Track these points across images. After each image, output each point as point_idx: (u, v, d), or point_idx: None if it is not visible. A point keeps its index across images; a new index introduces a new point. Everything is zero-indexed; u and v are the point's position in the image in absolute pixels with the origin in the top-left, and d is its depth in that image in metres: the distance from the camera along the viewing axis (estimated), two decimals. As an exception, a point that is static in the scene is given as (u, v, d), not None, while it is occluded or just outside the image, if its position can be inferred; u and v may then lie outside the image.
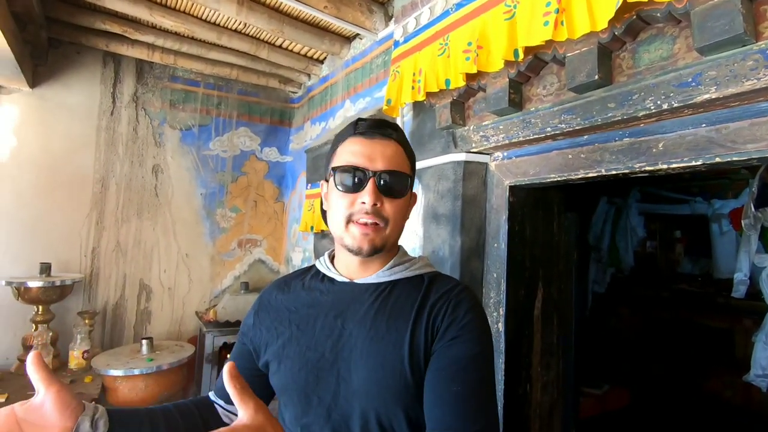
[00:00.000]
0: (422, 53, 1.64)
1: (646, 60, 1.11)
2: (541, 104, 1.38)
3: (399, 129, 0.90)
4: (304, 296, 0.91)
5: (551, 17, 1.13)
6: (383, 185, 0.81)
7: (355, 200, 0.81)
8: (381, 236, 0.82)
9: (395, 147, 0.86)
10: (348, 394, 0.78)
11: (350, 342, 0.81)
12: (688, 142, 1.08)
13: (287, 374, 0.84)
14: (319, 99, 2.84)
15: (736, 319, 3.53)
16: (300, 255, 2.91)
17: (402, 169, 0.85)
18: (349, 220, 0.82)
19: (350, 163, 0.82)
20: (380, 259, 0.88)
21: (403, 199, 0.85)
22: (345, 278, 0.89)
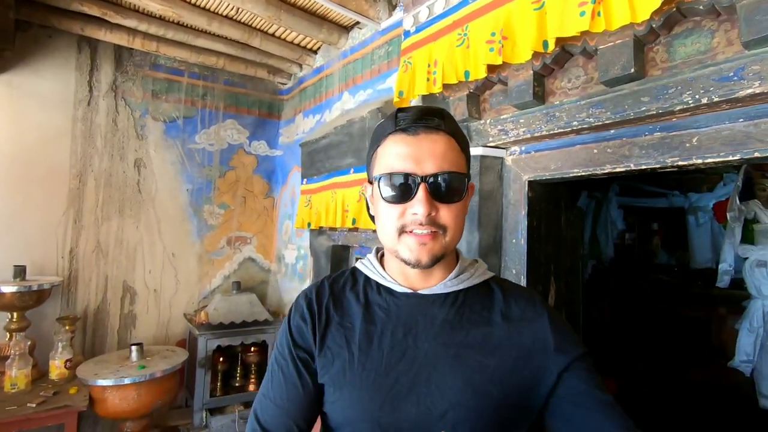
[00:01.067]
0: (437, 43, 1.59)
1: (682, 53, 1.10)
2: (566, 97, 1.35)
3: (448, 116, 0.77)
4: (360, 311, 0.79)
5: (588, 7, 1.10)
6: (436, 191, 0.71)
7: (405, 211, 0.72)
8: (440, 245, 0.73)
9: (446, 140, 0.74)
10: (430, 423, 0.69)
11: (427, 362, 0.72)
12: (725, 137, 1.08)
13: (354, 404, 0.72)
14: (313, 90, 2.74)
15: (712, 308, 3.69)
16: (294, 252, 2.82)
17: (457, 167, 0.73)
18: (401, 231, 0.73)
19: (395, 169, 0.72)
20: (442, 266, 0.79)
21: (461, 202, 0.74)
22: (406, 288, 0.79)
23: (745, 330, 2.61)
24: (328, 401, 0.76)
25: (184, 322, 2.71)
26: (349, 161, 2.13)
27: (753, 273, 2.62)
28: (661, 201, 4.33)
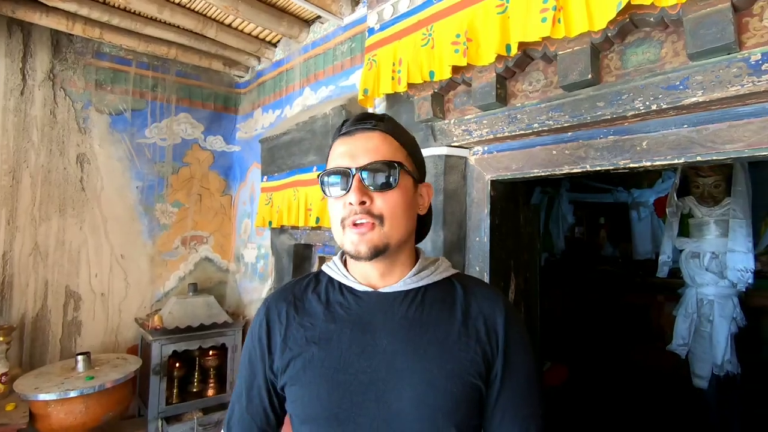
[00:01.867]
0: (402, 42, 1.59)
1: (634, 62, 1.17)
2: (527, 100, 1.40)
3: (389, 119, 0.82)
4: (321, 310, 0.81)
5: (549, 14, 1.14)
6: (368, 180, 0.74)
7: (344, 204, 0.75)
8: (379, 235, 0.74)
9: (381, 137, 0.78)
10: (390, 418, 0.71)
11: (386, 359, 0.74)
12: (671, 141, 1.16)
13: (313, 401, 0.74)
14: (272, 85, 2.66)
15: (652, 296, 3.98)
16: (254, 252, 2.74)
17: (388, 157, 0.76)
18: (344, 225, 0.76)
19: (333, 165, 0.77)
20: (401, 264, 0.81)
21: (395, 191, 0.76)
22: (366, 287, 0.81)
23: (681, 316, 2.84)
24: (290, 400, 0.78)
25: (135, 328, 2.56)
26: (312, 159, 2.09)
27: (688, 263, 2.84)
28: (606, 196, 4.60)
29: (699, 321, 2.76)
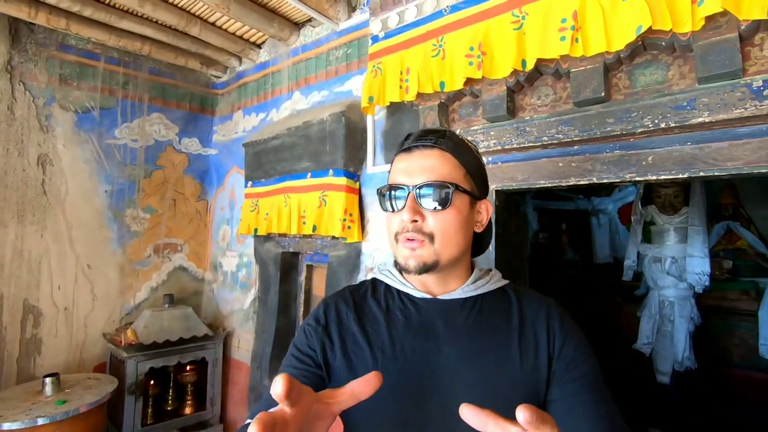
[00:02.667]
0: (410, 51, 1.59)
1: (642, 82, 1.25)
2: (535, 114, 1.45)
3: (449, 134, 0.83)
4: (381, 316, 0.82)
5: (567, 33, 1.19)
6: (421, 199, 0.76)
7: (400, 219, 0.78)
8: (429, 252, 0.77)
9: (438, 155, 0.79)
10: (453, 425, 0.69)
11: (449, 365, 0.75)
12: (675, 157, 1.24)
13: (379, 406, 0.73)
14: (256, 87, 2.57)
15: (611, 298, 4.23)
16: (234, 260, 2.62)
17: (443, 177, 0.77)
18: (397, 238, 0.80)
19: (393, 182, 0.81)
20: (456, 274, 0.83)
21: (449, 210, 0.77)
22: (425, 294, 0.83)
23: (645, 317, 3.04)
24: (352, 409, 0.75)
25: (102, 344, 2.36)
26: (306, 165, 2.04)
27: (651, 268, 3.06)
28: (569, 204, 4.85)
29: (661, 321, 2.97)
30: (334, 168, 1.90)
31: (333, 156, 1.90)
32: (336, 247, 2.04)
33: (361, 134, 1.92)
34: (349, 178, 1.88)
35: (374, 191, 1.82)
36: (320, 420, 0.54)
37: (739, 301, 3.33)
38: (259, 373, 2.28)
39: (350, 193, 1.87)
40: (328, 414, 0.55)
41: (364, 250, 1.90)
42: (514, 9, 1.33)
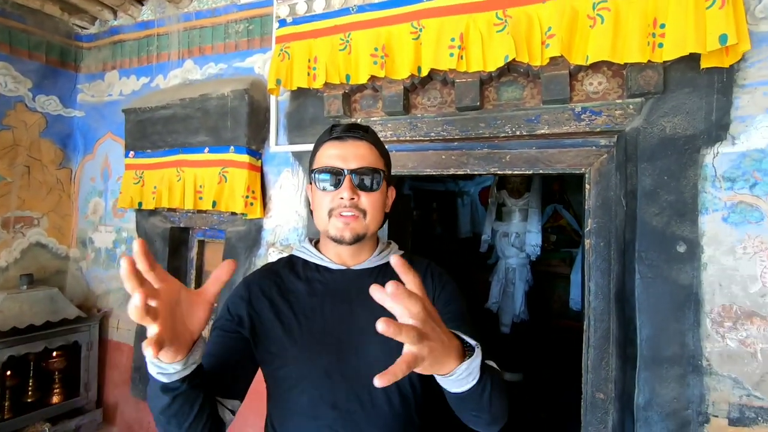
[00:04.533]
0: (318, 42, 1.71)
1: (506, 97, 1.59)
2: (426, 112, 1.71)
3: (370, 130, 1.01)
4: (302, 286, 0.97)
5: (455, 51, 1.46)
6: (358, 181, 0.92)
7: (334, 197, 0.92)
8: (361, 225, 0.93)
9: (367, 146, 0.96)
10: (366, 367, 0.88)
11: (361, 322, 0.91)
12: (525, 157, 1.63)
13: (305, 361, 0.89)
14: (136, 47, 2.34)
15: (470, 266, 4.98)
16: (110, 236, 2.40)
17: (374, 165, 0.95)
18: (330, 214, 0.93)
19: (328, 165, 0.93)
20: (367, 247, 1.00)
21: (377, 192, 0.95)
22: (340, 266, 0.98)
23: (494, 281, 3.73)
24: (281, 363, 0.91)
25: (-67, 335, 1.98)
26: (204, 139, 2.00)
27: (500, 241, 3.74)
28: (439, 186, 5.46)
29: (506, 284, 3.68)
30: (235, 145, 1.92)
31: (235, 133, 1.92)
32: (234, 222, 2.06)
33: (264, 113, 1.97)
34: (252, 156, 1.93)
35: (276, 170, 1.94)
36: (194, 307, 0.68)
37: (559, 267, 4.28)
38: (146, 352, 2.20)
39: (252, 171, 1.92)
40: (202, 300, 0.69)
41: (265, 226, 1.98)
42: (414, 21, 1.54)
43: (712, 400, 1.27)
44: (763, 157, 1.25)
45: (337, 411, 0.87)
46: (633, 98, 1.40)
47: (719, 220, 1.29)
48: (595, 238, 1.52)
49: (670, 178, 1.34)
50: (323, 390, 0.88)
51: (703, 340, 1.28)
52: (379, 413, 0.88)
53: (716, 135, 1.29)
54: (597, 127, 1.46)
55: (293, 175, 1.93)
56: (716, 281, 1.28)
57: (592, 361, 1.50)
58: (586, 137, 1.53)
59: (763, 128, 1.25)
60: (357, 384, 0.88)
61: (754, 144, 1.26)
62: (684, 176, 1.32)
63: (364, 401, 0.88)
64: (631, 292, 1.38)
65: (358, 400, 0.88)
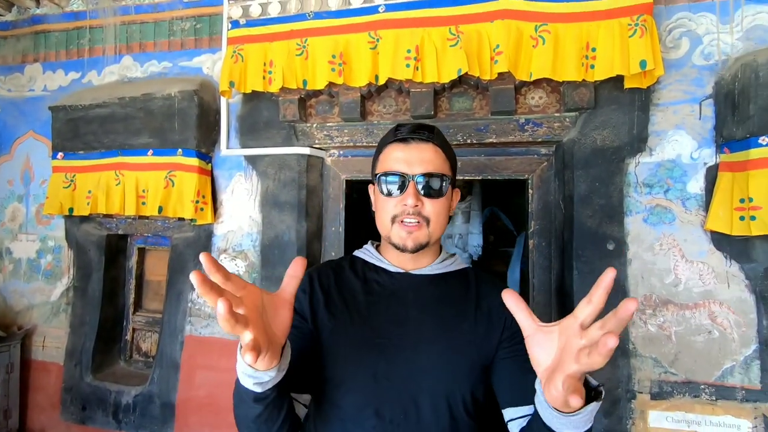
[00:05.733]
0: (274, 46, 1.70)
1: (457, 107, 1.69)
2: (381, 119, 1.77)
3: (437, 132, 0.94)
4: (359, 285, 0.93)
5: (411, 62, 1.53)
6: (422, 187, 0.87)
7: (397, 203, 0.88)
8: (424, 233, 0.88)
9: (433, 150, 0.90)
10: (417, 375, 0.83)
11: (416, 327, 0.87)
12: (474, 164, 1.75)
13: (354, 359, 0.85)
14: (63, 39, 2.15)
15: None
16: (33, 245, 2.17)
17: (440, 170, 0.89)
18: (393, 220, 0.88)
19: (392, 169, 0.88)
20: (429, 253, 0.95)
21: (442, 199, 0.89)
22: (400, 269, 0.94)
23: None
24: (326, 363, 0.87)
25: None
26: (147, 141, 1.89)
27: (445, 242, 3.89)
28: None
29: (450, 283, 3.84)
30: (184, 148, 1.84)
31: (183, 135, 1.84)
32: (182, 228, 1.97)
33: (214, 115, 1.91)
34: (202, 159, 1.86)
35: (228, 174, 1.90)
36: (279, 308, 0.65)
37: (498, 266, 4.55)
38: (79, 370, 2.02)
39: (203, 175, 1.85)
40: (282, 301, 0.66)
41: (216, 232, 1.92)
42: (371, 31, 1.59)
43: (638, 379, 1.45)
44: (674, 167, 1.46)
45: (379, 419, 0.81)
46: (569, 112, 1.56)
47: (641, 221, 1.48)
48: (538, 239, 1.67)
49: (600, 184, 1.51)
50: (368, 394, 0.83)
51: (629, 326, 1.46)
52: (423, 428, 0.82)
53: (637, 146, 1.49)
54: (538, 138, 1.60)
55: (246, 180, 1.89)
56: (639, 274, 1.47)
57: (536, 351, 1.63)
58: (529, 146, 1.68)
59: (674, 141, 1.46)
60: (404, 392, 0.83)
61: (667, 155, 1.46)
62: (612, 182, 1.50)
63: (409, 413, 0.82)
64: (570, 286, 1.53)
65: (403, 410, 0.82)
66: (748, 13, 1.42)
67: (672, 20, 1.49)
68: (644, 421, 1.43)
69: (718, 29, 1.44)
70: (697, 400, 1.40)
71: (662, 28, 1.48)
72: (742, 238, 1.36)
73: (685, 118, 1.46)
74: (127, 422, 1.93)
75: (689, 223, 1.44)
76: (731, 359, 1.38)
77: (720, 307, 1.40)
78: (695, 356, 1.41)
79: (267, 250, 1.83)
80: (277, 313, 0.65)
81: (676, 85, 1.47)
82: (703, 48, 1.45)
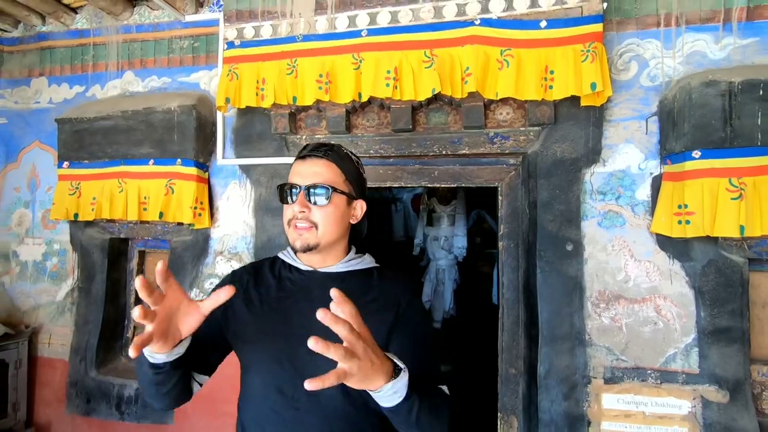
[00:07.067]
0: (266, 65, 1.86)
1: (434, 121, 1.86)
2: (365, 132, 1.93)
3: (336, 149, 1.06)
4: (274, 282, 1.08)
5: (390, 82, 1.70)
6: (310, 196, 1.01)
7: (291, 209, 1.02)
8: (313, 236, 1.01)
9: (325, 164, 1.03)
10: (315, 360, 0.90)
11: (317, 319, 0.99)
12: (450, 173, 1.91)
13: (261, 346, 1.00)
14: (69, 55, 2.29)
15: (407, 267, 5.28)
16: (39, 248, 2.30)
17: (327, 182, 1.01)
18: (289, 224, 1.04)
19: (289, 181, 1.05)
20: (334, 253, 1.08)
21: (329, 206, 1.01)
22: (309, 267, 1.07)
23: (427, 281, 4.04)
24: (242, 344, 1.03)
25: None
26: (148, 151, 2.04)
27: (431, 244, 4.06)
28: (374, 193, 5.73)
29: (437, 283, 4.01)
30: (183, 158, 1.98)
31: (182, 146, 1.98)
32: (180, 232, 2.12)
33: (211, 128, 2.06)
34: (200, 169, 2.01)
35: (224, 182, 2.06)
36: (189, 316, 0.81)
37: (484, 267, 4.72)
38: (83, 365, 2.16)
39: (200, 183, 2.00)
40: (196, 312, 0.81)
41: (213, 236, 2.07)
42: (354, 53, 1.76)
43: (593, 366, 1.62)
44: (624, 176, 1.63)
45: (282, 396, 0.95)
46: (533, 127, 1.73)
47: (595, 224, 1.65)
48: (507, 241, 1.84)
49: (560, 192, 1.68)
50: (273, 374, 0.97)
51: (585, 319, 1.63)
52: (322, 405, 0.95)
53: (592, 158, 1.66)
54: (506, 149, 1.78)
55: (241, 187, 2.05)
56: (594, 272, 1.64)
57: (506, 342, 1.80)
58: (498, 157, 1.85)
59: (624, 154, 1.64)
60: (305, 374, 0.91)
61: (618, 166, 1.64)
62: (570, 190, 1.67)
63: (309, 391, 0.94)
64: (534, 283, 1.71)
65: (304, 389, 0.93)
66: (688, 39, 1.60)
67: (623, 45, 1.66)
68: (599, 404, 1.60)
69: (662, 54, 1.62)
70: (645, 384, 1.57)
71: (614, 52, 1.66)
72: (682, 239, 1.54)
73: (634, 133, 1.63)
74: (129, 414, 2.07)
75: (637, 227, 1.62)
76: (674, 347, 1.56)
77: (664, 301, 1.58)
78: (643, 345, 1.58)
79: (260, 252, 1.98)
80: (188, 317, 0.81)
81: (626, 103, 1.65)
82: (649, 71, 1.64)
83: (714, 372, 1.51)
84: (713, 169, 1.42)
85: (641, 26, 1.65)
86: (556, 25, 1.57)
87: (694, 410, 1.53)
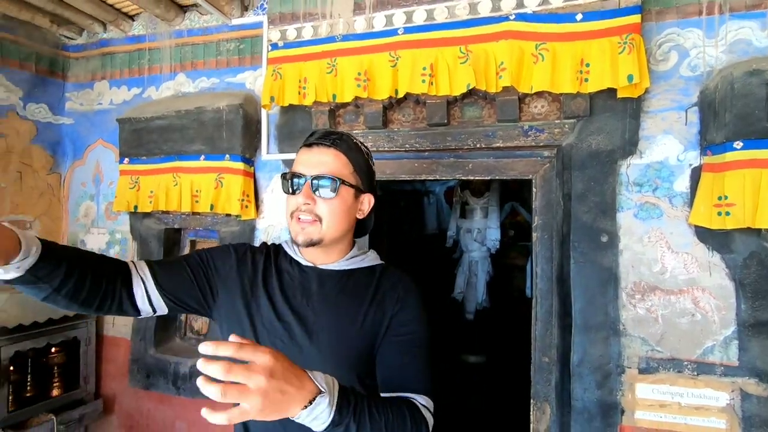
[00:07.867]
0: (308, 65, 1.96)
1: (468, 116, 1.90)
2: (401, 127, 2.00)
3: (343, 137, 1.00)
4: (274, 273, 1.04)
5: (426, 78, 1.75)
6: (315, 188, 0.95)
7: (295, 200, 0.97)
8: (316, 230, 0.96)
9: (333, 153, 0.97)
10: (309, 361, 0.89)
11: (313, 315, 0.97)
12: (484, 166, 1.95)
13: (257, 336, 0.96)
14: (127, 59, 2.49)
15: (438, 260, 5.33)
16: (103, 237, 2.53)
17: (334, 173, 0.95)
18: (292, 216, 0.99)
19: (294, 170, 0.99)
20: (337, 250, 1.04)
21: (335, 199, 0.95)
22: (310, 263, 1.04)
23: (460, 273, 4.09)
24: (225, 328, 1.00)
25: (-67, 335, 2.06)
26: (200, 148, 2.20)
27: (464, 237, 4.10)
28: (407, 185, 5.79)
29: (470, 275, 4.05)
30: (231, 153, 2.13)
31: (230, 143, 2.13)
32: (228, 223, 2.27)
33: (256, 125, 2.19)
34: (246, 164, 2.15)
35: (268, 176, 2.18)
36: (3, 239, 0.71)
37: (517, 259, 4.71)
38: (143, 344, 2.37)
39: (247, 177, 2.14)
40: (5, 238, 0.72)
41: (258, 226, 2.21)
42: (391, 51, 1.82)
43: (627, 356, 1.64)
44: (661, 168, 1.63)
45: None
46: (568, 119, 1.74)
47: (631, 216, 1.66)
48: (541, 232, 1.87)
49: (595, 184, 1.70)
50: None
51: (620, 309, 1.65)
52: None
53: (629, 150, 1.66)
54: (541, 142, 1.80)
55: (284, 181, 2.17)
56: (629, 264, 1.65)
57: (539, 331, 1.84)
58: (532, 150, 1.87)
59: (662, 145, 1.63)
60: None
61: (655, 157, 1.63)
62: (606, 182, 1.68)
63: None
64: (567, 274, 1.73)
65: None
66: (732, 27, 1.57)
67: (662, 35, 1.65)
68: (632, 393, 1.62)
69: (704, 43, 1.60)
70: (680, 375, 1.58)
71: (653, 42, 1.65)
72: (723, 231, 1.52)
73: (673, 124, 1.62)
74: (185, 389, 2.26)
75: (675, 218, 1.61)
76: (712, 339, 1.55)
77: (702, 293, 1.57)
78: (679, 336, 1.59)
79: (302, 242, 2.10)
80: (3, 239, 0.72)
81: (665, 94, 1.63)
82: (690, 60, 1.61)
83: (754, 365, 1.50)
84: (756, 160, 1.40)
85: (682, 15, 1.62)
86: (593, 18, 1.58)
87: (732, 402, 1.52)
